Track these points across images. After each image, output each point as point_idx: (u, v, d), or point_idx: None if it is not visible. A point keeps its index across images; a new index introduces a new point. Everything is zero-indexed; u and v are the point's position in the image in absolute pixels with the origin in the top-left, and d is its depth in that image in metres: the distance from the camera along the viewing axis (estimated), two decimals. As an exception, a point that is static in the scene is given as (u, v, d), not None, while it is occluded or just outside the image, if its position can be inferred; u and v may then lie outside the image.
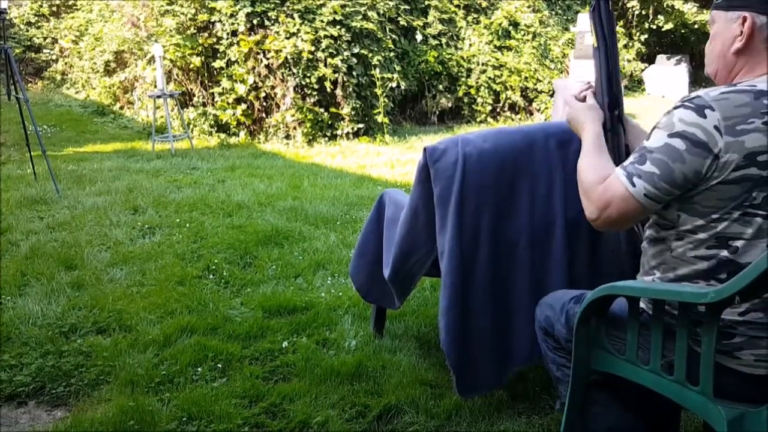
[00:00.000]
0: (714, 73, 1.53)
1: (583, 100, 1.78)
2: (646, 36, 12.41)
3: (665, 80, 11.70)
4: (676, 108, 1.39)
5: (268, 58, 7.42)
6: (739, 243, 1.37)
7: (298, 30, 7.37)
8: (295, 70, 7.34)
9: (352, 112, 7.61)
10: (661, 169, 1.36)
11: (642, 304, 1.52)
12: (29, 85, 10.67)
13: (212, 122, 7.65)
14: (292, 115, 7.43)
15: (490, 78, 8.95)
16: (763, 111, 1.33)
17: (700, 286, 1.41)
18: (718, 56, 1.50)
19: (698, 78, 13.08)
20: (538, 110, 9.16)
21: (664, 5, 11.67)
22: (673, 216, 1.44)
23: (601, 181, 1.48)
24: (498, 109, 9.16)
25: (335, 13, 7.55)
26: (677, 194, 1.38)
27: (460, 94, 8.90)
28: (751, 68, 1.44)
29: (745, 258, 1.36)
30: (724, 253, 1.38)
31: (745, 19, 1.43)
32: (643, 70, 12.14)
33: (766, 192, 1.34)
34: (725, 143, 1.32)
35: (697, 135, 1.33)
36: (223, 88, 7.52)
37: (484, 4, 9.61)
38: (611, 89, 1.73)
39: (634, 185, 1.39)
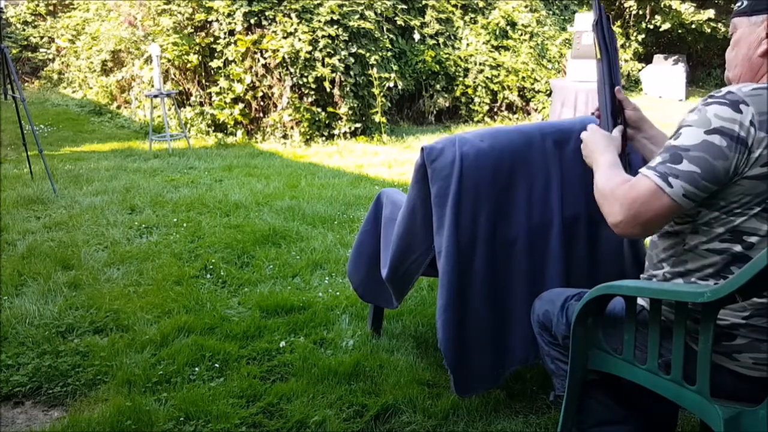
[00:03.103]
0: (737, 77, 1.52)
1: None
2: (643, 36, 12.43)
3: (662, 80, 11.71)
4: (707, 105, 1.37)
5: (265, 58, 7.41)
6: (753, 239, 1.37)
7: (296, 29, 7.37)
8: (292, 70, 7.34)
9: (350, 112, 7.61)
10: (702, 168, 1.33)
11: (643, 302, 1.52)
12: (26, 84, 10.65)
13: (209, 122, 7.64)
14: (290, 115, 7.43)
15: (487, 78, 8.96)
16: None
17: (698, 285, 1.41)
18: (742, 60, 1.49)
19: (695, 78, 13.12)
20: (536, 110, 9.17)
21: (662, 5, 11.69)
22: (692, 210, 1.42)
23: (624, 183, 1.43)
24: (495, 109, 9.16)
25: (333, 12, 7.55)
26: (714, 190, 1.36)
27: (458, 93, 8.90)
28: None
29: (756, 254, 1.36)
30: (737, 248, 1.38)
31: None
32: (640, 70, 12.16)
33: None
34: (758, 139, 1.31)
35: (736, 130, 1.32)
36: (220, 88, 7.52)
37: (482, 4, 9.61)
38: (614, 99, 1.74)
39: (671, 185, 1.34)
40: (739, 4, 1.52)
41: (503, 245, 2.07)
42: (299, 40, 7.28)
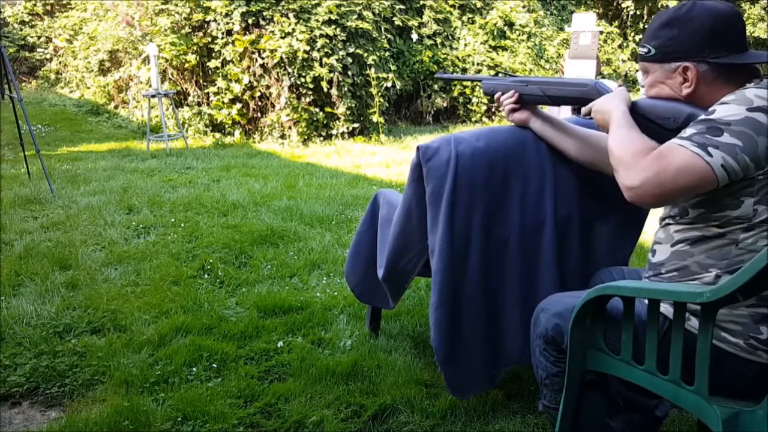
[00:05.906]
0: None
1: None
2: (641, 36, 12.44)
3: (660, 80, 11.71)
4: (743, 88, 1.37)
5: (263, 58, 7.41)
6: None
7: (294, 29, 7.37)
8: (290, 70, 7.34)
9: (348, 112, 7.61)
10: (744, 142, 1.31)
11: (640, 307, 1.51)
12: (23, 84, 10.63)
13: (207, 122, 7.64)
14: (288, 115, 7.43)
15: (485, 78, 8.95)
16: None
17: (696, 285, 1.41)
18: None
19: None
20: (533, 110, 9.16)
21: (659, 5, 11.71)
22: (748, 212, 1.38)
23: (649, 150, 1.39)
24: (493, 109, 9.16)
25: (330, 12, 7.55)
26: (749, 174, 1.33)
27: (455, 93, 8.91)
28: (715, 94, 1.44)
29: None
30: None
31: (686, 69, 1.44)
32: (638, 71, 12.17)
33: None
34: None
35: None
36: (218, 88, 7.52)
37: (479, 4, 9.62)
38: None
39: (710, 155, 1.31)
40: (645, 50, 1.52)
41: (497, 244, 2.07)
42: (297, 40, 7.28)
